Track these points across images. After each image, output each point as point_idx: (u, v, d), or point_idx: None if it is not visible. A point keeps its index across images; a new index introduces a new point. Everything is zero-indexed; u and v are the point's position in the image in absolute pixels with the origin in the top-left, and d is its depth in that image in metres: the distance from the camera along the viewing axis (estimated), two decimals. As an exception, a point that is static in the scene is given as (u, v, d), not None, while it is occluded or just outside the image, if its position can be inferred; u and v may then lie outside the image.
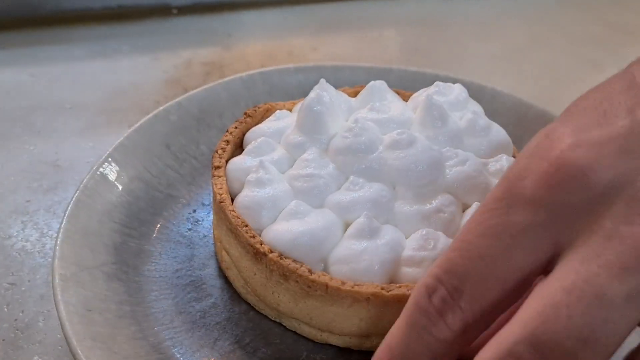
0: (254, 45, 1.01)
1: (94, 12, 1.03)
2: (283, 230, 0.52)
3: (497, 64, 1.02)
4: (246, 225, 0.53)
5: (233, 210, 0.54)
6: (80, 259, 0.55)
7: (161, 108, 0.70)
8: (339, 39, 1.04)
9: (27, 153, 0.76)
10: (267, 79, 0.76)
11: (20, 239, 0.65)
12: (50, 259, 0.63)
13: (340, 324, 0.51)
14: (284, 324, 0.55)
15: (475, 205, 0.54)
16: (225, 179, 0.58)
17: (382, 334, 0.51)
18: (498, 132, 0.62)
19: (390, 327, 0.50)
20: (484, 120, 0.61)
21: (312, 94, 0.60)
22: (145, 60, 0.96)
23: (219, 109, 0.73)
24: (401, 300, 0.48)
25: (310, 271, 0.50)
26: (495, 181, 0.56)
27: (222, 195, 0.56)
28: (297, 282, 0.50)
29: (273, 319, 0.55)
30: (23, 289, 0.60)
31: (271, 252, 0.51)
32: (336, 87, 0.67)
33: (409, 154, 0.55)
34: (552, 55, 1.06)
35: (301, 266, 0.50)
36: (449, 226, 0.53)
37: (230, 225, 0.53)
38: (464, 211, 0.55)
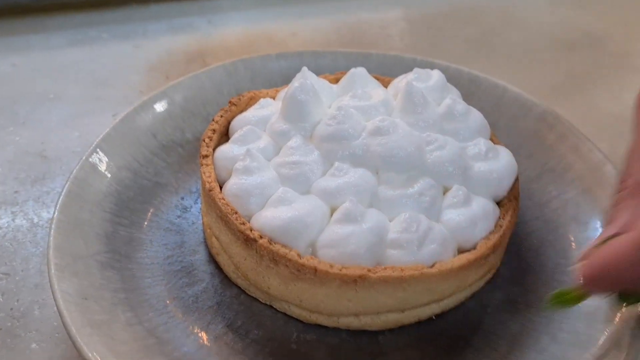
0: (234, 32, 1.02)
1: (73, 0, 1.03)
2: (272, 217, 0.54)
3: (473, 46, 1.04)
4: (235, 213, 0.55)
5: (222, 198, 0.56)
6: (74, 249, 0.56)
7: (146, 97, 0.71)
8: (318, 24, 1.05)
9: (12, 144, 0.77)
10: (250, 66, 0.78)
11: (11, 229, 0.67)
12: (42, 249, 0.64)
13: (329, 305, 0.54)
14: (275, 307, 0.57)
15: (455, 188, 0.57)
16: (213, 167, 0.60)
17: (370, 314, 0.54)
18: (476, 117, 0.64)
19: (377, 308, 0.53)
20: (462, 105, 0.63)
21: (295, 83, 0.61)
22: (127, 48, 0.96)
23: (203, 97, 0.74)
24: (387, 281, 0.51)
25: (299, 255, 0.52)
26: (475, 164, 0.59)
27: (211, 184, 0.57)
28: (286, 266, 0.52)
29: (263, 301, 0.57)
30: (17, 278, 0.62)
31: (261, 237, 0.53)
32: (317, 73, 0.69)
33: (391, 140, 0.57)
34: (527, 37, 1.08)
35: (290, 251, 0.52)
36: (430, 209, 0.56)
37: (220, 213, 0.55)
38: (444, 194, 0.58)
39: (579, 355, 0.52)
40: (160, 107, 0.71)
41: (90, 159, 0.63)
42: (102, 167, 0.64)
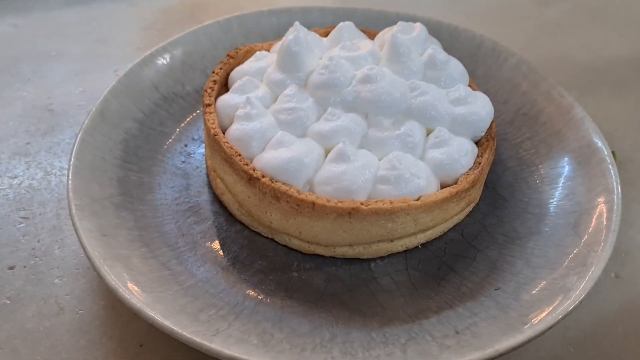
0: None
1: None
2: (272, 158, 0.59)
3: (453, 2, 1.09)
4: (239, 155, 0.60)
5: (226, 142, 0.61)
6: (91, 191, 0.61)
7: (148, 52, 0.75)
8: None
9: (20, 99, 0.82)
10: (243, 23, 0.82)
11: (26, 177, 0.71)
12: (57, 195, 0.69)
13: (326, 236, 0.59)
14: (276, 239, 0.63)
15: (437, 129, 0.62)
16: (215, 115, 0.65)
17: (363, 243, 0.60)
18: (456, 65, 0.69)
19: (369, 238, 0.59)
20: (442, 54, 0.69)
21: (290, 36, 0.66)
22: (123, 7, 1.00)
23: (200, 51, 0.79)
24: (378, 213, 0.57)
25: (298, 192, 0.57)
26: (455, 108, 0.64)
27: (216, 129, 0.62)
28: (287, 202, 0.58)
29: (266, 235, 0.63)
30: (36, 221, 0.67)
31: (263, 177, 0.58)
32: (307, 27, 0.73)
33: (379, 86, 0.63)
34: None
35: (290, 188, 0.58)
36: (415, 148, 0.61)
37: (225, 155, 0.60)
38: (428, 135, 0.63)
39: (549, 275, 0.58)
40: (161, 61, 0.76)
41: (99, 110, 0.67)
42: (111, 118, 0.68)
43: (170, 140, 0.72)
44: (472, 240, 0.64)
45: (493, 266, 0.61)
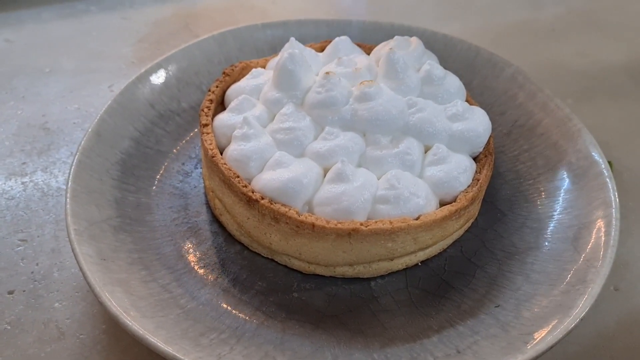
0: (217, 0, 1.06)
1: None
2: (271, 179, 0.59)
3: (447, 8, 1.09)
4: (238, 177, 0.60)
5: (225, 164, 0.61)
6: (89, 214, 0.61)
7: (142, 70, 0.75)
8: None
9: (15, 117, 0.81)
10: (237, 36, 0.82)
11: (23, 198, 0.71)
12: (54, 216, 0.69)
13: (326, 257, 0.59)
14: (276, 260, 0.63)
15: (436, 146, 0.62)
16: (213, 135, 0.65)
17: (363, 263, 0.60)
18: (453, 80, 0.69)
19: (369, 257, 0.59)
20: (439, 70, 0.68)
21: (285, 54, 0.66)
22: (116, 20, 1.00)
23: (195, 67, 0.79)
24: (378, 233, 0.57)
25: (298, 213, 0.57)
26: (453, 124, 0.64)
27: (213, 150, 0.62)
28: (287, 223, 0.58)
29: (265, 256, 0.63)
30: (34, 244, 0.67)
31: (262, 198, 0.58)
32: (301, 40, 0.73)
33: (376, 104, 0.63)
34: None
35: (290, 209, 0.58)
36: (414, 166, 0.61)
37: (223, 177, 0.60)
38: (426, 152, 0.63)
39: (549, 291, 0.58)
40: (156, 78, 0.75)
41: (95, 131, 0.67)
42: (107, 138, 0.68)
43: (167, 159, 0.71)
44: (471, 257, 0.64)
45: (493, 282, 0.62)
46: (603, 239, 0.60)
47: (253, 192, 0.59)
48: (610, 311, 0.64)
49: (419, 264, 0.63)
